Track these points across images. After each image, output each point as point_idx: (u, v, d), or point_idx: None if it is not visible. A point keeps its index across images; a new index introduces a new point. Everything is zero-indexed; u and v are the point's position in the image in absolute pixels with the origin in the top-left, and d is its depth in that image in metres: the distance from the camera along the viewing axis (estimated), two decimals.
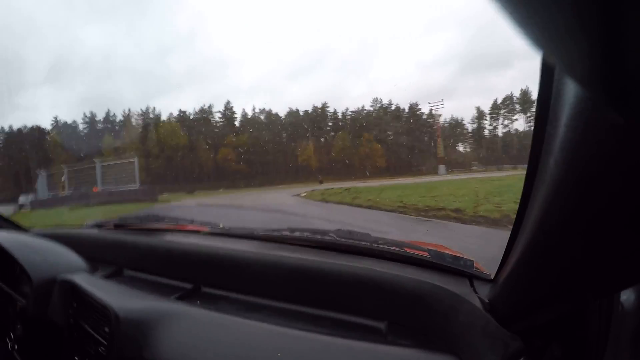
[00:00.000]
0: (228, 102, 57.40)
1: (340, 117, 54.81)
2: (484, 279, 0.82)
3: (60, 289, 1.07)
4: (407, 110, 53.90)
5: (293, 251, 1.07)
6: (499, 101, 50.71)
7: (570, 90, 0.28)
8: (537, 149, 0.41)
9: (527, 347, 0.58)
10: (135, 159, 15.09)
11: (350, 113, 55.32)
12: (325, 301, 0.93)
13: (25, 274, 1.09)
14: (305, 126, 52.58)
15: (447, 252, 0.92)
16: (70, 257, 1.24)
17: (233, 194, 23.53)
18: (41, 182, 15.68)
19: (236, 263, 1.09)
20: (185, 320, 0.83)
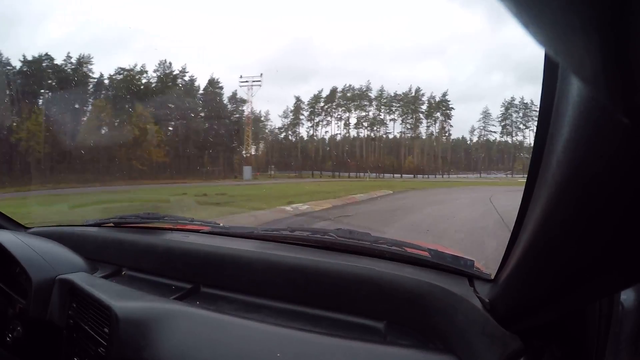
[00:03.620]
0: None
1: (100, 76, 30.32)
2: (484, 279, 0.82)
3: (60, 289, 1.07)
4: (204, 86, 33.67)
5: (293, 251, 1.07)
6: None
7: (574, 90, 0.28)
8: (540, 148, 0.41)
9: (527, 347, 0.59)
10: None
11: (119, 71, 31.31)
12: (325, 301, 0.93)
13: (25, 274, 1.09)
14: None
15: (447, 252, 0.93)
16: (69, 256, 1.24)
17: None
18: None
19: (236, 263, 1.09)
20: (185, 321, 0.83)
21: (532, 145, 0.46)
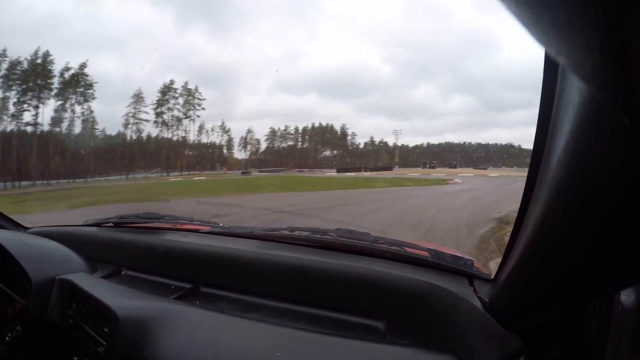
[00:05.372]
0: None
1: None
2: (484, 279, 0.82)
3: (60, 289, 1.07)
4: None
5: (293, 250, 1.07)
6: None
7: (574, 90, 0.28)
8: (540, 148, 0.40)
9: (527, 347, 0.58)
10: None
11: None
12: (325, 301, 0.93)
13: (24, 274, 1.08)
14: None
15: (447, 252, 0.92)
16: (69, 256, 1.24)
17: None
18: None
19: (235, 262, 1.09)
20: (185, 320, 0.83)
21: (532, 145, 0.46)
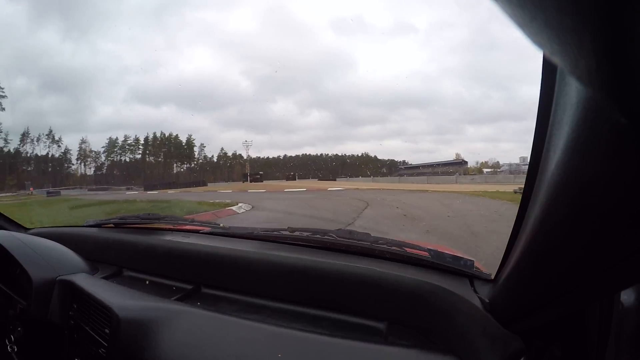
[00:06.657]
0: None
1: None
2: (485, 279, 0.82)
3: (61, 290, 1.07)
4: None
5: (293, 251, 1.07)
6: None
7: (572, 91, 0.28)
8: (539, 149, 0.41)
9: (528, 347, 0.58)
10: None
11: None
12: (326, 301, 0.93)
13: (25, 275, 1.09)
14: None
15: (447, 252, 0.92)
16: (70, 257, 1.24)
17: None
18: None
19: (236, 263, 1.09)
20: (186, 321, 0.83)
21: (532, 145, 0.46)
